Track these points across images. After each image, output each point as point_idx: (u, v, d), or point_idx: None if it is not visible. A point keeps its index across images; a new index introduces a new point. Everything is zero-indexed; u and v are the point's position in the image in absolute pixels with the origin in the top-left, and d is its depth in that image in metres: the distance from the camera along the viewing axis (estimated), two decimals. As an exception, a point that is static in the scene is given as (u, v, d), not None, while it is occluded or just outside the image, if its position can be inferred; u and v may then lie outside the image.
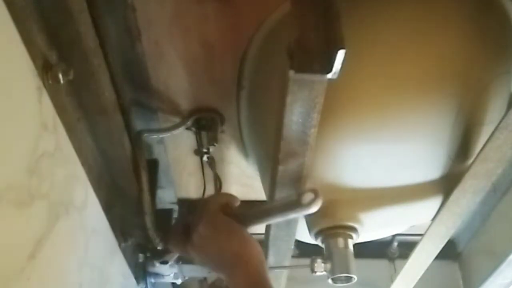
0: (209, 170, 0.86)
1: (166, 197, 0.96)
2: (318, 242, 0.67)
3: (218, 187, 0.87)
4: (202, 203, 0.60)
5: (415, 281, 0.80)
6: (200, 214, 0.57)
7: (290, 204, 0.52)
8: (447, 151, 0.61)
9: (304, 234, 0.67)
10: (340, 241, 0.64)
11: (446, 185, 0.63)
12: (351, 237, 0.65)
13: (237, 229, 0.55)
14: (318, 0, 0.45)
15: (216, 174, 0.86)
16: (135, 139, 0.69)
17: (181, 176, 0.92)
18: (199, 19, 0.62)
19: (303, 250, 0.90)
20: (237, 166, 0.89)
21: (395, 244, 1.09)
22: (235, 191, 0.95)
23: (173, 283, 1.00)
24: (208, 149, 0.80)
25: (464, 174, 0.59)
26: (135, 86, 0.71)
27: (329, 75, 0.42)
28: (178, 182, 0.94)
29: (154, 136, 0.78)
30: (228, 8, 0.61)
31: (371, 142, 0.58)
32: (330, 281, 0.65)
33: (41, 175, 0.46)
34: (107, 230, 0.69)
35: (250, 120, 0.74)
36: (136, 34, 0.63)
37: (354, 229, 0.65)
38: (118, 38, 0.62)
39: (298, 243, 0.73)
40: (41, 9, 0.45)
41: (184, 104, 0.76)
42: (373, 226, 0.68)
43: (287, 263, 0.71)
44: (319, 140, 0.51)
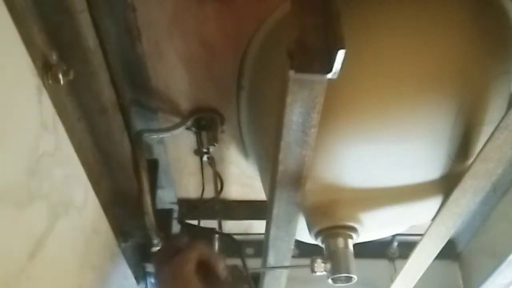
0: (208, 170, 0.85)
1: (166, 197, 0.96)
2: (318, 242, 0.66)
3: (219, 188, 0.87)
4: (180, 249, 0.57)
5: (415, 281, 0.80)
6: (170, 266, 0.54)
7: None
8: (447, 151, 0.61)
9: (304, 234, 0.67)
10: (340, 241, 0.64)
11: (446, 185, 0.63)
12: (351, 237, 0.65)
13: None
14: (318, 0, 0.45)
15: (217, 174, 0.86)
16: (135, 139, 0.69)
17: (181, 176, 0.92)
18: (199, 19, 0.62)
19: (303, 250, 0.90)
20: (237, 166, 0.89)
21: (395, 244, 1.09)
22: (235, 191, 0.96)
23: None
24: (208, 149, 0.80)
25: (464, 174, 0.59)
26: (135, 86, 0.71)
27: (329, 75, 0.42)
28: (178, 182, 0.94)
29: (154, 136, 0.78)
30: (228, 8, 0.61)
31: (371, 142, 0.58)
32: (330, 281, 0.65)
33: (41, 175, 0.46)
34: (107, 230, 0.69)
35: (250, 120, 0.74)
36: (136, 34, 0.63)
37: (354, 229, 0.65)
38: (118, 38, 0.62)
39: (298, 243, 0.73)
40: (41, 9, 0.45)
41: (184, 104, 0.76)
42: (373, 226, 0.68)
43: (287, 263, 0.71)
44: (319, 140, 0.51)
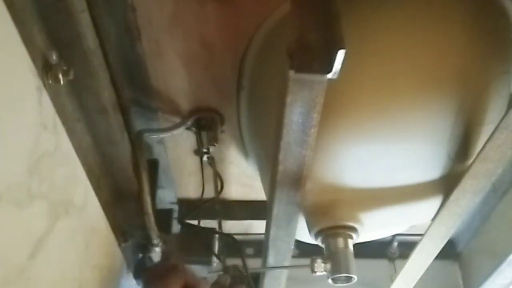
0: (208, 170, 0.86)
1: (166, 197, 0.96)
2: (318, 242, 0.67)
3: (219, 188, 0.87)
4: (167, 270, 0.58)
5: (415, 281, 0.80)
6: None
7: None
8: (447, 151, 0.61)
9: (304, 234, 0.67)
10: (340, 241, 0.64)
11: (446, 185, 0.63)
12: (351, 237, 0.65)
13: None
14: (318, 0, 0.45)
15: (217, 174, 0.86)
16: (135, 139, 0.69)
17: (181, 176, 0.92)
18: (199, 19, 0.62)
19: (303, 250, 0.90)
20: (237, 166, 0.89)
21: (395, 244, 1.09)
22: (235, 191, 0.96)
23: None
24: (208, 149, 0.80)
25: (464, 174, 0.59)
26: (135, 86, 0.71)
27: (329, 75, 0.42)
28: (178, 182, 0.94)
29: (154, 136, 0.78)
30: (228, 8, 0.61)
31: (371, 142, 0.58)
32: (330, 281, 0.65)
33: (41, 175, 0.46)
34: (107, 230, 0.69)
35: (250, 120, 0.74)
36: (136, 34, 0.63)
37: (354, 229, 0.65)
38: (118, 38, 0.62)
39: (298, 243, 0.73)
40: (41, 9, 0.45)
41: (184, 104, 0.76)
42: (373, 226, 0.68)
43: (287, 263, 0.71)
44: (319, 140, 0.51)
